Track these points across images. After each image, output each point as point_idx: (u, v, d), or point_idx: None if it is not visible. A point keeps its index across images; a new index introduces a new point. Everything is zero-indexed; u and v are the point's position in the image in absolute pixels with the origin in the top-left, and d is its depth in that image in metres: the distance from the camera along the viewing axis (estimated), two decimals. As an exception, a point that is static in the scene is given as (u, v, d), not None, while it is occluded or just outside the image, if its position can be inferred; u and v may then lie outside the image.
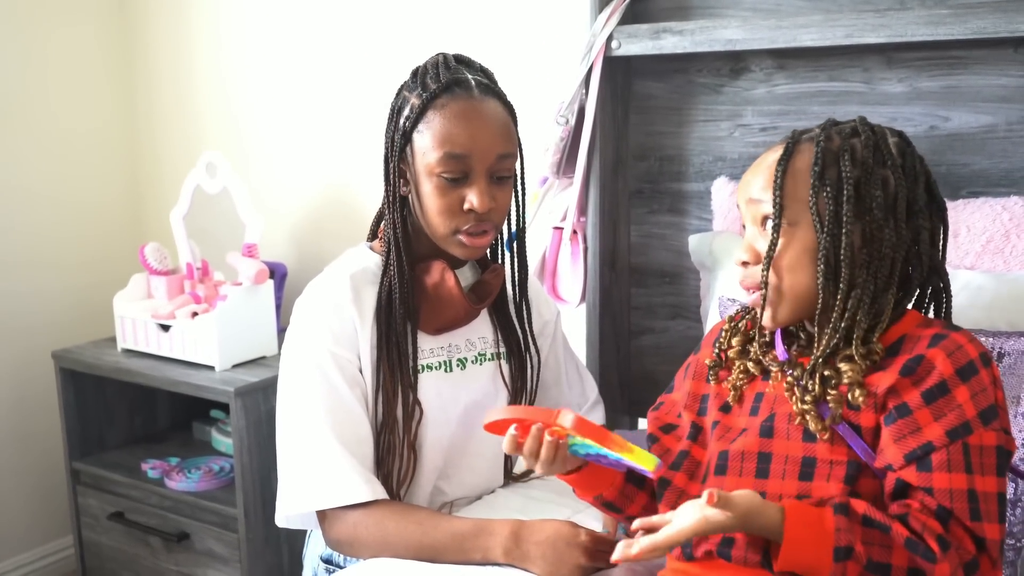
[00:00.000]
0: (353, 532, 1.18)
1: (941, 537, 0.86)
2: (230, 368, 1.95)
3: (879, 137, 0.98)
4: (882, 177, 0.97)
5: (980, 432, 0.89)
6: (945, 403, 0.90)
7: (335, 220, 2.23)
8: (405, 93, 1.23)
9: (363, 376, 1.24)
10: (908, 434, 0.90)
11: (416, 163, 1.21)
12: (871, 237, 0.96)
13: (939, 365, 0.91)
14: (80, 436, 2.12)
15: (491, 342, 1.35)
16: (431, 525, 1.16)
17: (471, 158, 1.19)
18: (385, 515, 1.17)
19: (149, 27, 2.45)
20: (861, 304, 0.95)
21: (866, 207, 0.96)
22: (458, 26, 1.97)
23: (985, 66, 1.43)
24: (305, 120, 2.23)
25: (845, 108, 1.53)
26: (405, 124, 1.20)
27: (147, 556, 2.04)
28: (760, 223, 1.00)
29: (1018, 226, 1.35)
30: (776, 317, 1.00)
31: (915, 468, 0.89)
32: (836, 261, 0.95)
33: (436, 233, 1.23)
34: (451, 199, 1.20)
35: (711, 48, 1.53)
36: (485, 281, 1.31)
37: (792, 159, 0.98)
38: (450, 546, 1.15)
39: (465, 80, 1.21)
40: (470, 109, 1.19)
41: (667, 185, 1.73)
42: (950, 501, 0.88)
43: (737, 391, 1.05)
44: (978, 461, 0.89)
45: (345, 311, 1.24)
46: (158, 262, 2.08)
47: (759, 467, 0.97)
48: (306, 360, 1.23)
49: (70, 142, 2.39)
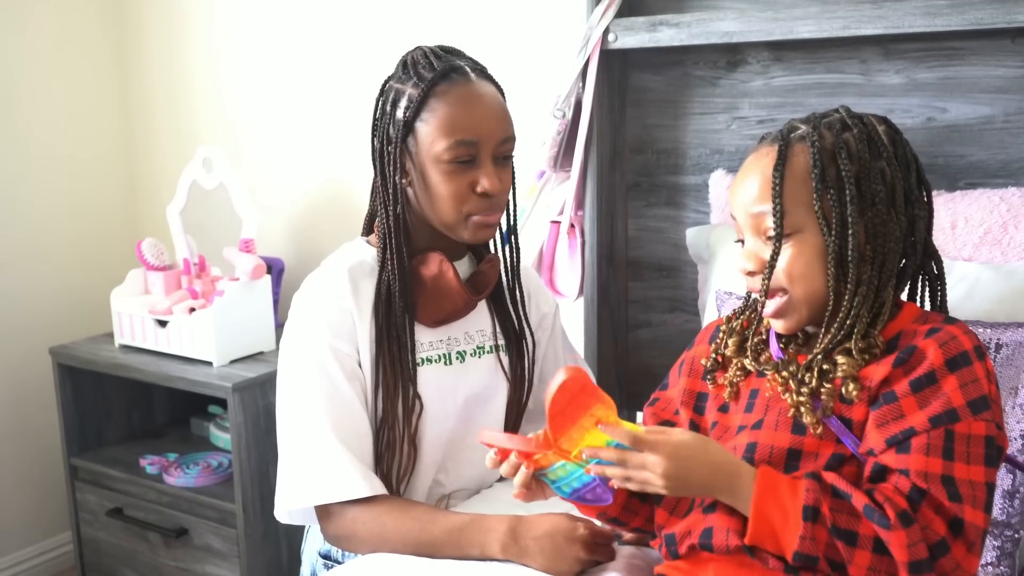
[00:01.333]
0: (352, 528, 1.18)
1: (904, 512, 0.86)
2: (228, 364, 1.95)
3: (870, 128, 0.97)
4: (879, 169, 0.96)
5: (968, 421, 0.89)
6: (932, 392, 0.90)
7: (332, 215, 2.22)
8: (397, 86, 1.23)
9: (362, 370, 1.23)
10: (891, 420, 0.90)
11: (421, 152, 1.21)
12: (875, 232, 0.95)
13: (930, 355, 0.91)
14: (78, 432, 2.12)
15: (489, 334, 1.35)
16: (429, 521, 1.16)
17: (479, 142, 1.19)
18: (383, 511, 1.17)
19: (144, 22, 2.44)
20: (866, 300, 0.95)
21: (869, 202, 0.95)
22: (455, 19, 1.96)
23: (982, 57, 1.43)
24: (302, 114, 2.23)
25: (842, 100, 1.52)
26: (406, 115, 1.20)
27: (146, 552, 2.04)
28: (763, 234, 0.98)
29: (1015, 217, 1.35)
30: (791, 325, 0.99)
31: (894, 451, 0.89)
32: (845, 261, 0.94)
33: (445, 220, 1.23)
34: (460, 184, 1.20)
35: (708, 40, 1.53)
36: (482, 272, 1.31)
37: (788, 164, 0.96)
38: (448, 542, 1.14)
39: (460, 67, 1.21)
40: (472, 94, 1.20)
41: (664, 178, 1.72)
42: (925, 482, 0.87)
43: (733, 387, 1.05)
44: (963, 449, 0.88)
45: (343, 305, 1.23)
46: (155, 258, 2.08)
47: (745, 457, 0.97)
48: (305, 354, 1.23)
49: (66, 138, 2.39)
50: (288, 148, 2.27)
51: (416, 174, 1.22)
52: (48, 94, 2.34)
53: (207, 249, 2.17)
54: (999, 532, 1.17)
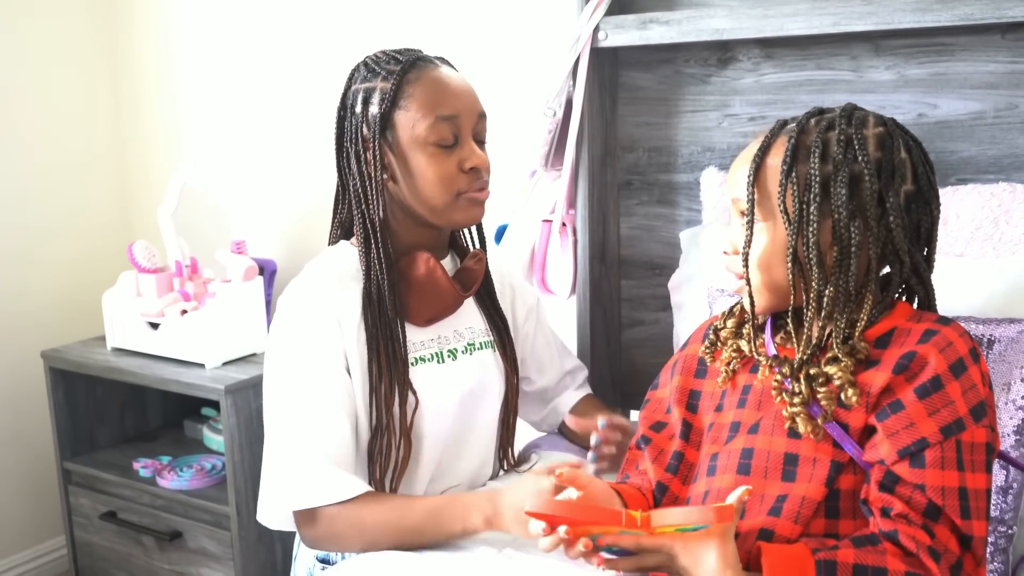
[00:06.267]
0: (331, 528, 1.18)
1: (931, 549, 0.86)
2: (220, 366, 1.94)
3: (856, 129, 0.96)
4: (853, 174, 0.94)
5: (972, 429, 0.89)
6: (939, 398, 0.89)
7: (324, 216, 2.20)
8: (363, 86, 1.23)
9: (349, 374, 1.23)
10: (902, 429, 0.89)
11: (402, 142, 1.22)
12: (839, 236, 0.94)
13: (932, 361, 0.90)
14: (71, 436, 2.11)
15: (479, 331, 1.35)
16: (406, 507, 1.16)
17: (459, 117, 1.22)
18: (359, 506, 1.16)
19: (136, 25, 2.44)
20: (836, 304, 0.95)
21: (834, 205, 0.94)
22: (445, 18, 1.96)
23: (973, 53, 1.43)
24: (293, 115, 2.22)
25: (833, 97, 1.52)
26: (381, 108, 1.21)
27: (140, 555, 2.03)
28: (742, 217, 1.00)
29: (1007, 212, 1.35)
30: (756, 307, 1.00)
31: (908, 464, 0.89)
32: (807, 256, 0.95)
33: (436, 204, 1.23)
34: (447, 165, 1.22)
35: (698, 38, 1.52)
36: (468, 268, 1.32)
37: (767, 154, 0.97)
38: (427, 523, 1.14)
39: (424, 56, 1.26)
40: (442, 75, 1.23)
41: (656, 176, 1.72)
42: (941, 498, 0.87)
43: (728, 374, 1.05)
44: (969, 458, 0.88)
45: (330, 309, 1.23)
46: (147, 260, 2.07)
47: (741, 463, 0.97)
48: (287, 359, 1.22)
49: (57, 141, 2.38)
50: (279, 149, 2.26)
51: (398, 166, 1.23)
52: (39, 97, 2.33)
53: (199, 251, 2.16)
54: (992, 528, 1.17)
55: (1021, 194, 1.35)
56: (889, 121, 0.99)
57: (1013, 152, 1.42)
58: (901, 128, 1.00)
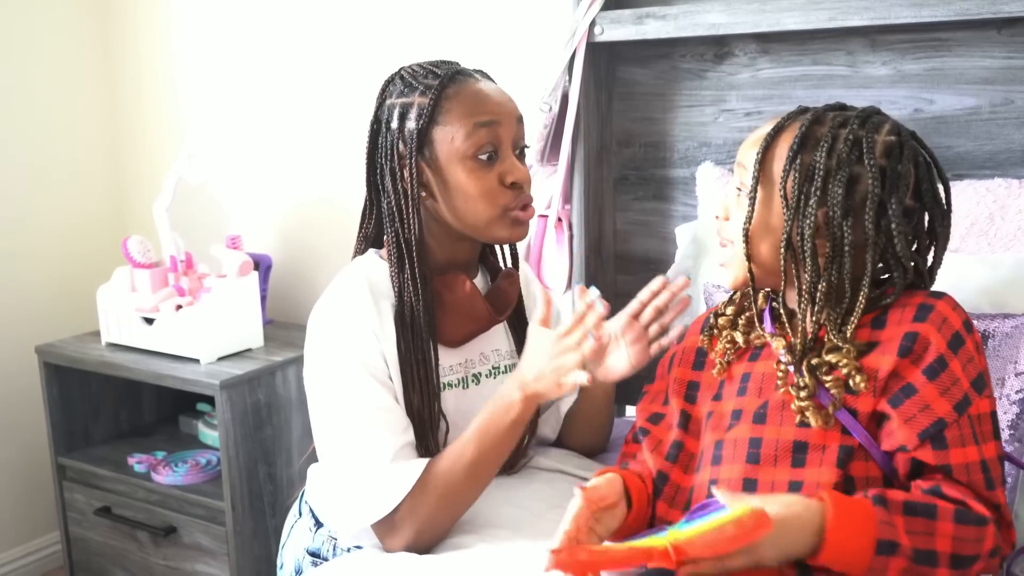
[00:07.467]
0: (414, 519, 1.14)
1: (979, 497, 0.88)
2: (215, 361, 1.94)
3: (867, 132, 0.96)
4: (853, 174, 0.96)
5: (976, 402, 0.91)
6: (947, 377, 0.91)
7: (320, 211, 2.21)
8: (400, 100, 1.19)
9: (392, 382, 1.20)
10: (918, 412, 0.90)
11: (441, 157, 1.17)
12: (831, 232, 0.96)
13: (934, 340, 0.92)
14: (65, 431, 2.11)
15: (504, 353, 1.32)
16: (458, 448, 1.15)
17: (498, 124, 1.17)
18: (426, 482, 1.14)
19: (131, 17, 2.43)
20: (828, 299, 0.96)
21: (830, 201, 0.96)
22: (442, 13, 1.96)
23: (969, 48, 1.43)
24: (289, 110, 2.21)
25: (829, 92, 1.52)
26: (419, 124, 1.17)
27: (135, 551, 2.03)
28: (742, 186, 1.02)
29: (1002, 208, 1.35)
30: (731, 281, 1.03)
31: (931, 447, 0.90)
32: (801, 244, 0.96)
33: (481, 220, 1.19)
34: (488, 180, 1.17)
35: (694, 33, 1.52)
36: (501, 288, 1.28)
37: (779, 136, 0.99)
38: (484, 442, 1.14)
39: (463, 69, 1.21)
40: (481, 87, 1.19)
41: (652, 171, 1.72)
42: (967, 475, 0.89)
43: (723, 365, 1.05)
44: (980, 430, 0.91)
45: (369, 323, 1.19)
46: (141, 255, 2.06)
47: (750, 452, 0.97)
48: (337, 374, 1.18)
49: (52, 134, 2.37)
50: (275, 144, 2.25)
51: (436, 183, 1.19)
52: (34, 92, 2.32)
53: (194, 246, 2.16)
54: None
55: (1016, 189, 1.35)
56: (906, 133, 1.00)
57: (1008, 147, 1.42)
58: (919, 143, 1.01)
